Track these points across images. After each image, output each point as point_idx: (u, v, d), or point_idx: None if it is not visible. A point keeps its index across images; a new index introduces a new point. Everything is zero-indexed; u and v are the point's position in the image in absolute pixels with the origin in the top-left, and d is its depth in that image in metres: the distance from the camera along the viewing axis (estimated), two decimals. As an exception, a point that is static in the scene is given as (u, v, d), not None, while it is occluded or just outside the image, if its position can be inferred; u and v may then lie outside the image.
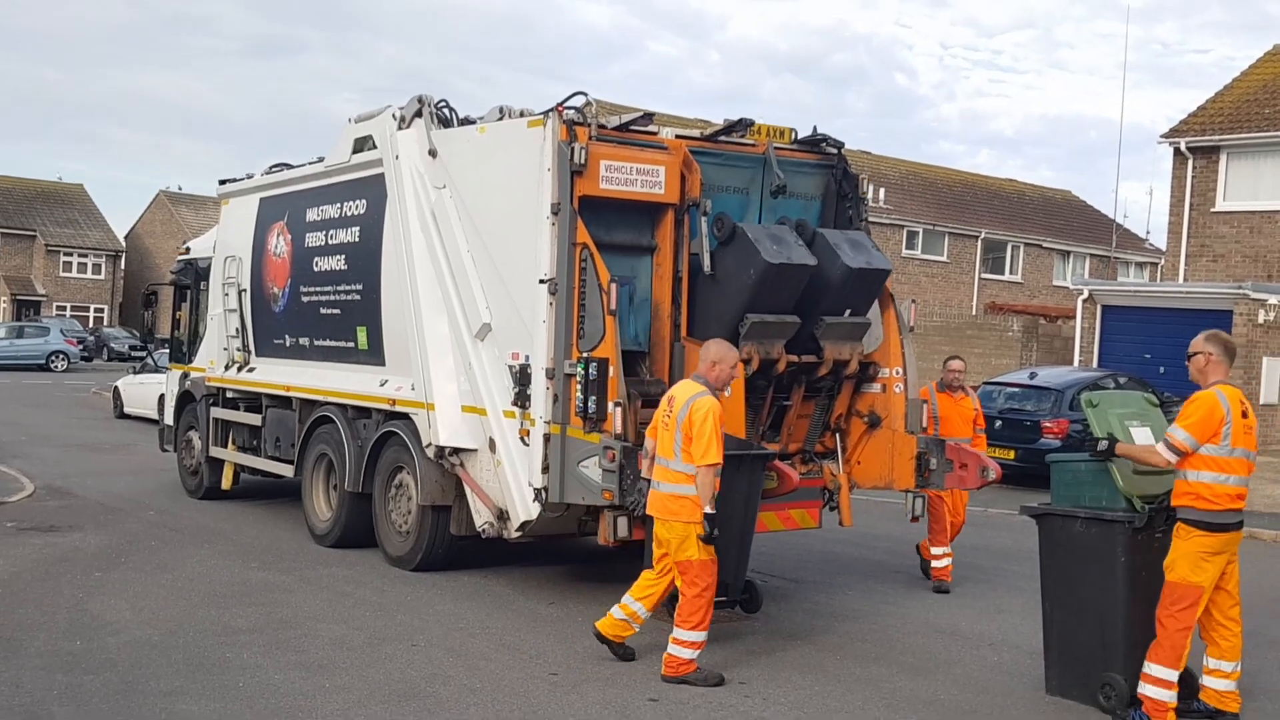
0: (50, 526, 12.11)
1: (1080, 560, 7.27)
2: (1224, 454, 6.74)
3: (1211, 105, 26.33)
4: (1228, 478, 6.74)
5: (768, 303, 9.03)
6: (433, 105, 10.46)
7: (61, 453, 18.55)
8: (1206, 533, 6.72)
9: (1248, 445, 6.82)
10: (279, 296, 12.60)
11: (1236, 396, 6.87)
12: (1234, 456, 6.76)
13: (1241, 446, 6.78)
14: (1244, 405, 6.89)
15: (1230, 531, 6.79)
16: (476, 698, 7.02)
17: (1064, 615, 7.40)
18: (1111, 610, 7.13)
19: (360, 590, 9.73)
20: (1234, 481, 6.76)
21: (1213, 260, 25.07)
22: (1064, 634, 7.41)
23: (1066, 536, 7.34)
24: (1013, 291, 43.41)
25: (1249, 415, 6.89)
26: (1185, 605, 6.74)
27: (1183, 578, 6.75)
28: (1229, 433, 6.73)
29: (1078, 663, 7.32)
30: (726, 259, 9.09)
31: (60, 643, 7.91)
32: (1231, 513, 6.78)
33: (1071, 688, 7.36)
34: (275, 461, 12.74)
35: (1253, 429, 6.89)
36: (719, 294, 9.14)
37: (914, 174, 45.81)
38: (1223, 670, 6.98)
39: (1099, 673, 7.17)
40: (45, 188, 66.28)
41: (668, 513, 7.54)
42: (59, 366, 42.46)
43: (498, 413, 9.27)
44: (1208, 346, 7.02)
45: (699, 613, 7.47)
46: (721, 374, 7.80)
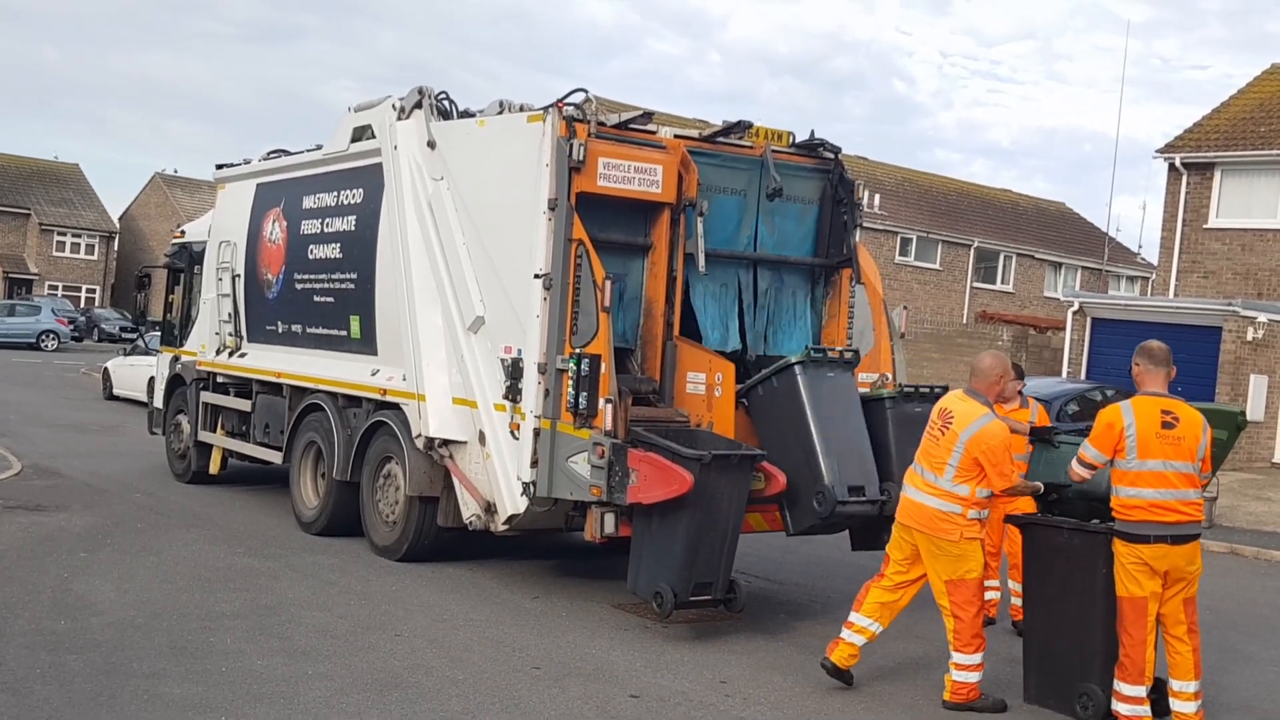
0: (36, 506, 12.10)
1: (1063, 570, 7.32)
2: (1132, 467, 6.77)
3: (1207, 122, 26.43)
4: (1139, 491, 6.75)
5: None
6: (433, 97, 10.48)
7: (49, 432, 18.53)
8: (1129, 544, 6.79)
9: (1167, 456, 6.75)
10: (273, 283, 12.60)
11: (1155, 407, 6.82)
12: (1144, 469, 6.74)
13: (1157, 458, 6.74)
14: (1170, 416, 6.81)
15: (1155, 544, 6.75)
16: (458, 689, 7.05)
17: (1045, 623, 7.44)
18: (1091, 620, 7.17)
19: (345, 579, 9.75)
20: (1149, 494, 6.74)
21: (1204, 276, 25.16)
22: (1044, 642, 7.45)
23: (1050, 546, 7.40)
24: (1004, 301, 43.51)
25: (1179, 426, 6.81)
26: (1134, 619, 6.82)
27: (1120, 590, 6.87)
28: (1133, 445, 6.74)
29: (1056, 672, 7.36)
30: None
31: (44, 622, 7.92)
32: (1152, 524, 6.74)
33: (1049, 697, 7.39)
34: (264, 448, 12.75)
35: (1181, 439, 6.79)
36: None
37: (909, 181, 45.89)
38: (1185, 692, 7.01)
39: (1077, 683, 7.21)
40: (41, 166, 66.05)
41: (934, 529, 7.17)
42: (49, 346, 42.37)
43: (488, 406, 9.29)
44: (1136, 358, 7.08)
45: (980, 636, 7.23)
46: (1004, 389, 7.76)
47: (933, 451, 7.25)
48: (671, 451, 8.14)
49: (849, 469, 8.60)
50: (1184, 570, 6.88)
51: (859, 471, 8.66)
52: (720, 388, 9.21)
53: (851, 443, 8.75)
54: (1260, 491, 19.16)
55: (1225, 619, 10.75)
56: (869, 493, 8.62)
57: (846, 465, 8.60)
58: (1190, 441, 6.81)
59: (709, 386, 9.25)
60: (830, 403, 8.77)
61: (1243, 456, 21.77)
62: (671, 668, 7.78)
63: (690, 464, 8.03)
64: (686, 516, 8.13)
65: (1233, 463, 21.31)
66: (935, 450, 7.23)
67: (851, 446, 8.73)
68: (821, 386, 8.77)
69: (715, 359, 9.39)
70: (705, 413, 9.22)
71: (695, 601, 8.38)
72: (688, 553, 8.19)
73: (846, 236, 10.18)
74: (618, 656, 7.97)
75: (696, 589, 8.30)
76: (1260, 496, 18.75)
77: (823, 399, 8.73)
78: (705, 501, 8.04)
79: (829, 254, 10.25)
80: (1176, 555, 6.81)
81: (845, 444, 8.70)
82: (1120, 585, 6.88)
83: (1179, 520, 6.80)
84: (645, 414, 8.98)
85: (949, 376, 27.48)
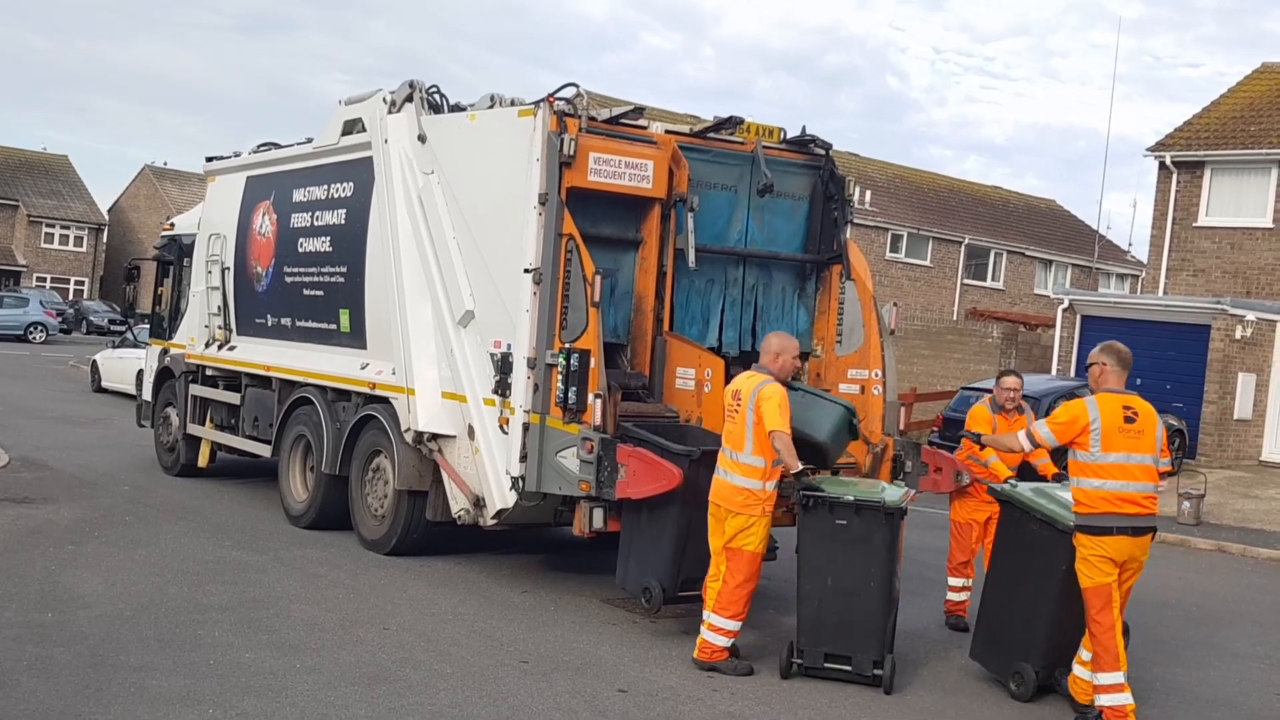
0: (24, 498, 12.07)
1: (1026, 554, 7.70)
2: (1094, 459, 6.95)
3: (1198, 120, 26.49)
4: (1103, 482, 6.93)
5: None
6: (424, 90, 10.47)
7: (37, 425, 18.47)
8: (1090, 536, 6.96)
9: (1130, 449, 6.96)
10: (262, 276, 12.58)
11: (1117, 403, 7.04)
12: (1107, 461, 6.94)
13: (1120, 451, 6.94)
14: (1130, 411, 7.04)
15: (1117, 535, 6.92)
16: (446, 683, 7.05)
17: (1001, 594, 7.89)
18: (1042, 610, 7.55)
19: (334, 572, 9.74)
20: (1112, 486, 6.92)
21: (1193, 275, 25.23)
22: (996, 613, 7.92)
23: (1020, 529, 7.78)
24: (994, 298, 43.59)
25: (1139, 420, 7.04)
26: (1101, 606, 6.96)
27: (1085, 581, 7.00)
28: (1098, 439, 6.94)
29: (1002, 643, 7.83)
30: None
31: (31, 614, 7.90)
32: (1112, 515, 6.91)
33: (990, 660, 7.96)
34: (253, 441, 12.73)
35: (1143, 433, 7.02)
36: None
37: (900, 178, 45.94)
38: (1114, 684, 7.03)
39: (1016, 660, 7.64)
40: (29, 157, 65.74)
41: (732, 503, 7.62)
42: (37, 338, 42.22)
43: (478, 400, 9.29)
44: (1102, 357, 7.28)
45: (739, 603, 7.66)
46: (785, 365, 7.87)
47: (732, 431, 7.71)
48: (660, 447, 8.16)
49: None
50: (1139, 560, 7.09)
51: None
52: (710, 383, 9.23)
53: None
54: (1247, 489, 19.23)
55: (1211, 615, 10.81)
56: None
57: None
58: (1150, 434, 7.07)
59: (699, 382, 9.27)
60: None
61: (1230, 454, 21.85)
62: (659, 662, 7.80)
63: (679, 459, 8.05)
64: (675, 512, 8.14)
65: (1221, 460, 21.40)
66: (734, 429, 7.69)
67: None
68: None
69: (705, 355, 9.40)
70: (695, 408, 9.24)
71: (683, 596, 8.39)
72: (676, 548, 8.21)
73: (837, 233, 10.19)
74: (606, 651, 7.98)
75: (685, 584, 8.32)
76: (1247, 494, 18.83)
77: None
78: (694, 497, 8.05)
79: (819, 250, 10.26)
80: (1135, 546, 7.00)
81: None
82: (1084, 577, 7.01)
83: (1139, 512, 6.97)
84: (634, 409, 9.00)
85: (939, 373, 27.55)
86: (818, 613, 7.58)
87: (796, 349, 8.02)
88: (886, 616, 7.51)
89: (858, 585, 7.48)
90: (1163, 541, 14.96)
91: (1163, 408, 21.09)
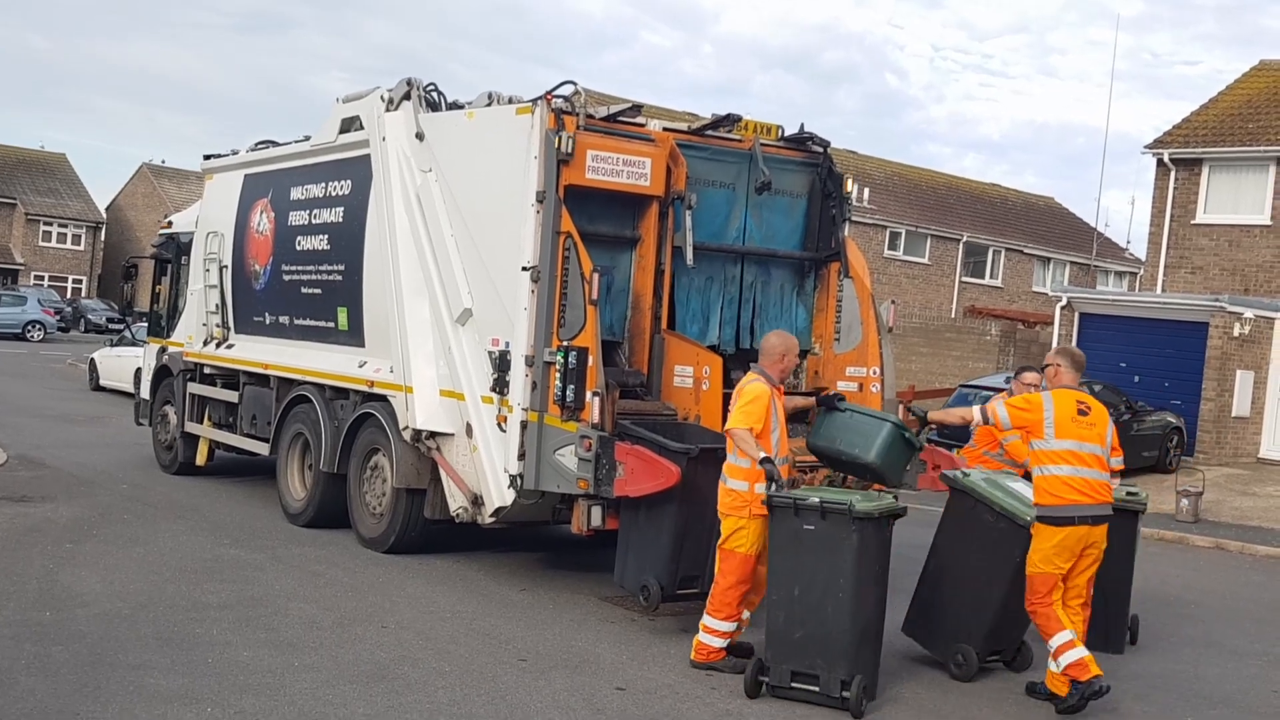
0: (22, 497, 12.06)
1: (981, 544, 7.79)
2: (1049, 446, 7.40)
3: (1196, 118, 26.48)
4: (1059, 467, 7.37)
5: None
6: (421, 88, 10.46)
7: (35, 423, 18.46)
8: (1052, 527, 7.33)
9: (1081, 438, 7.42)
10: (260, 274, 12.57)
11: (1070, 397, 7.56)
12: (1061, 447, 7.39)
13: (1071, 439, 7.40)
14: (1083, 405, 7.53)
15: (1078, 525, 7.32)
16: (445, 681, 7.05)
17: (947, 581, 7.99)
18: (996, 597, 7.75)
19: (332, 570, 9.74)
20: (1065, 470, 7.35)
21: (1191, 272, 25.24)
22: (939, 595, 8.01)
23: (973, 519, 7.89)
24: (992, 296, 43.61)
25: (1090, 413, 7.53)
26: (1045, 593, 7.35)
27: (1034, 568, 7.38)
28: (1051, 427, 7.41)
29: (944, 624, 7.95)
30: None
31: (29, 613, 7.90)
32: (1074, 506, 7.32)
33: (929, 640, 8.08)
34: (251, 439, 12.72)
35: (1094, 425, 7.49)
36: None
37: (898, 175, 45.94)
38: (1067, 642, 7.37)
39: (958, 641, 7.78)
40: (27, 156, 65.70)
41: (724, 505, 7.55)
42: (35, 336, 42.20)
43: (476, 398, 9.29)
44: (1057, 359, 7.85)
45: (731, 604, 7.56)
46: (788, 366, 7.79)
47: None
48: (658, 445, 8.16)
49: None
50: (1099, 546, 7.49)
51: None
52: (708, 381, 9.22)
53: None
54: (1245, 487, 19.24)
55: (1210, 613, 10.82)
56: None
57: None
58: (1100, 428, 7.53)
59: (696, 380, 9.27)
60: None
61: (1229, 452, 21.86)
62: (658, 660, 7.80)
63: (677, 457, 8.05)
64: (673, 510, 8.14)
65: (1219, 458, 21.41)
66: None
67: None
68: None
69: (703, 352, 9.40)
70: (693, 406, 9.24)
71: (682, 594, 8.39)
72: (674, 546, 8.20)
73: (835, 230, 10.20)
74: (604, 649, 7.98)
75: (683, 582, 8.32)
76: (1245, 492, 18.84)
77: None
78: (692, 495, 8.05)
79: (817, 248, 10.27)
80: (1093, 534, 7.41)
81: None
82: (1035, 565, 7.38)
83: (1096, 501, 7.41)
84: (633, 407, 8.99)
85: (937, 371, 27.57)
86: (784, 626, 7.14)
87: (797, 348, 7.99)
88: (856, 632, 6.96)
89: (824, 596, 6.98)
90: (1161, 539, 14.98)
91: (1161, 405, 21.25)
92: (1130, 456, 19.10)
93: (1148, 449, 20.16)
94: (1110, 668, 8.45)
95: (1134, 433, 19.83)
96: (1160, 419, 20.63)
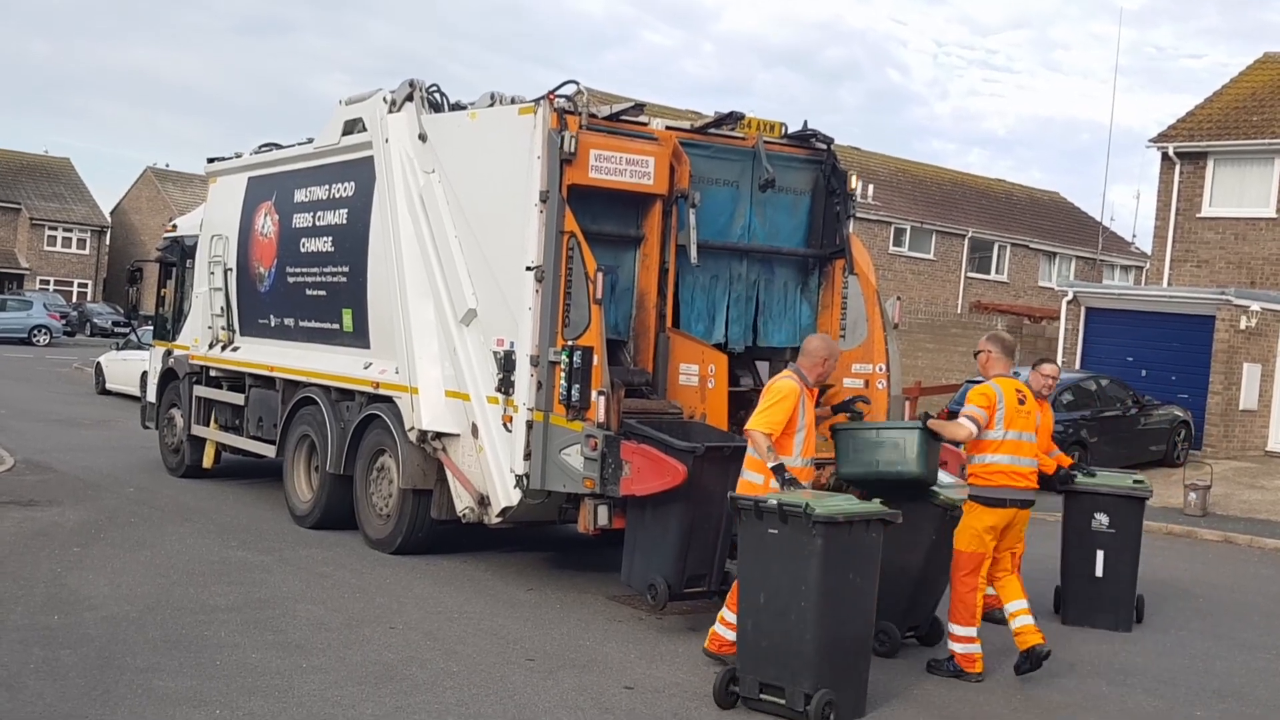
0: (29, 501, 12.08)
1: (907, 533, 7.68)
2: (996, 436, 7.79)
3: (1200, 111, 26.41)
4: (999, 456, 7.78)
5: None
6: (424, 89, 10.47)
7: (42, 427, 18.50)
8: (984, 507, 7.74)
9: (1021, 428, 7.86)
10: (265, 276, 12.58)
11: (1012, 386, 7.94)
12: (1006, 438, 7.81)
13: (1014, 429, 7.82)
14: (1021, 394, 7.96)
15: (1009, 508, 7.81)
16: (453, 681, 7.05)
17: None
18: (913, 573, 8.02)
19: (339, 572, 9.75)
20: (1005, 460, 7.78)
21: (1197, 265, 25.17)
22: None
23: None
24: (998, 291, 43.53)
25: (1027, 402, 7.98)
26: (968, 571, 7.74)
27: (966, 546, 7.75)
28: (1001, 418, 7.78)
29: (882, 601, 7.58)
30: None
31: (37, 617, 7.91)
32: (1008, 489, 7.77)
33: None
34: (257, 441, 12.74)
35: (1031, 414, 7.96)
36: None
37: (903, 171, 45.88)
38: (1021, 609, 7.86)
39: (881, 620, 7.52)
40: (31, 161, 65.80)
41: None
42: (41, 341, 42.27)
43: (481, 398, 9.29)
44: (988, 345, 8.16)
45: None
46: (826, 371, 7.69)
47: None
48: (664, 444, 8.15)
49: None
50: (1020, 530, 8.01)
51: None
52: (713, 379, 9.22)
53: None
54: (1254, 480, 19.19)
55: (1218, 606, 10.79)
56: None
57: None
58: (1033, 417, 7.99)
59: (702, 378, 9.26)
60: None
61: (1236, 445, 21.81)
62: (666, 659, 7.79)
63: (683, 456, 8.04)
64: (680, 509, 8.13)
65: (1227, 451, 21.36)
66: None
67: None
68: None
69: (708, 350, 9.39)
70: (698, 404, 9.23)
71: (689, 593, 8.39)
72: (681, 545, 8.19)
73: (839, 227, 10.19)
74: (612, 648, 7.98)
75: (690, 581, 8.31)
76: (1254, 485, 18.79)
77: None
78: (698, 493, 8.04)
79: (822, 245, 10.25)
80: (1019, 516, 7.90)
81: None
82: (964, 542, 7.76)
83: (1026, 486, 7.89)
84: (638, 406, 8.99)
85: (944, 367, 27.53)
86: (752, 634, 6.82)
87: (838, 356, 7.82)
88: (821, 644, 6.54)
89: (788, 604, 6.59)
90: (1169, 533, 14.95)
91: (1168, 399, 21.19)
92: (1137, 451, 19.21)
93: (1155, 443, 20.12)
94: (1119, 662, 8.47)
95: (1141, 427, 19.79)
96: (1167, 413, 20.58)
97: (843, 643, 6.69)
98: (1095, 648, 8.84)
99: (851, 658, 6.77)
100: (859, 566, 6.74)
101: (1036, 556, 10.33)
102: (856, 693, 6.81)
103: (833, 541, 6.55)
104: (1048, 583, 10.17)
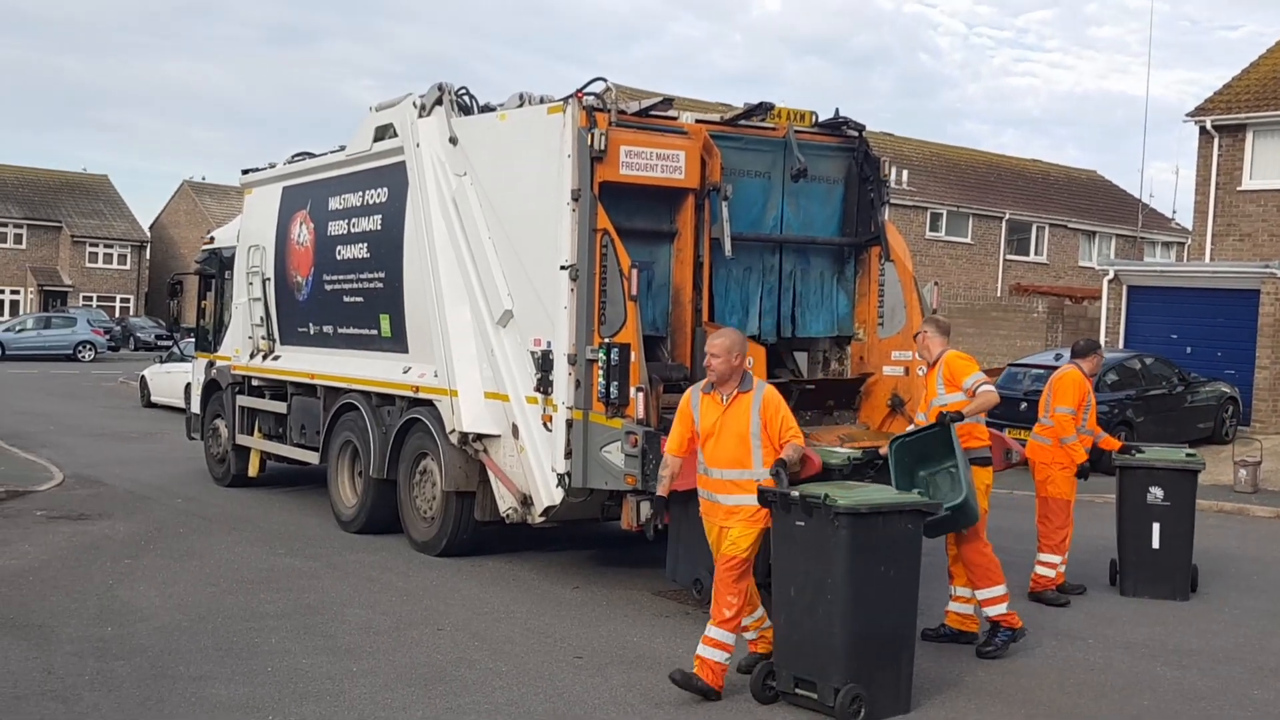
0: (80, 515, 12.23)
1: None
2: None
3: (1237, 83, 26.02)
4: (982, 418, 8.29)
5: None
6: (453, 93, 10.50)
7: (89, 442, 18.73)
8: (983, 468, 8.16)
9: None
10: (302, 285, 12.67)
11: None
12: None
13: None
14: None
15: (990, 465, 8.35)
16: (502, 681, 7.08)
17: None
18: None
19: (386, 575, 9.80)
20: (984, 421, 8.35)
21: (1239, 239, 24.81)
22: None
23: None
24: (1038, 273, 43.14)
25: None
26: (971, 535, 8.00)
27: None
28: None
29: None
30: None
31: (91, 629, 8.01)
32: (988, 448, 8.31)
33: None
34: (301, 449, 12.83)
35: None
36: None
37: (937, 155, 45.55)
38: (962, 596, 8.18)
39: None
40: (70, 179, 66.69)
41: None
42: (86, 356, 42.78)
43: (520, 399, 9.31)
44: (925, 327, 8.51)
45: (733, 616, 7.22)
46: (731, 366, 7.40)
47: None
48: (705, 437, 8.10)
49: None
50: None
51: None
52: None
53: None
54: (1302, 455, 18.89)
55: (1274, 584, 10.65)
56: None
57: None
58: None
59: (740, 370, 9.20)
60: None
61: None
62: (713, 653, 7.76)
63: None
64: (723, 501, 8.08)
65: (1276, 426, 21.06)
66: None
67: None
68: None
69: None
70: (738, 397, 9.17)
71: (735, 586, 8.34)
72: (725, 538, 8.14)
73: (874, 214, 10.12)
74: (660, 644, 7.97)
75: (735, 574, 8.26)
76: (1303, 460, 18.50)
77: None
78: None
79: (856, 233, 10.19)
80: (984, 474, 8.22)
81: None
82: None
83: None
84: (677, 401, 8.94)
85: (985, 350, 27.29)
86: (785, 629, 6.74)
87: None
88: (851, 637, 6.41)
89: (816, 597, 6.48)
90: (1220, 510, 14.76)
91: (1214, 375, 20.93)
92: (1185, 429, 18.99)
93: (1203, 420, 19.89)
94: (1174, 642, 8.37)
95: (1188, 405, 19.56)
96: (1214, 389, 20.33)
97: (876, 637, 6.52)
98: (1150, 629, 8.75)
99: (887, 652, 6.58)
100: (893, 559, 6.54)
101: (1085, 536, 10.24)
102: (897, 687, 6.65)
103: (859, 533, 6.38)
104: (1099, 561, 10.07)
